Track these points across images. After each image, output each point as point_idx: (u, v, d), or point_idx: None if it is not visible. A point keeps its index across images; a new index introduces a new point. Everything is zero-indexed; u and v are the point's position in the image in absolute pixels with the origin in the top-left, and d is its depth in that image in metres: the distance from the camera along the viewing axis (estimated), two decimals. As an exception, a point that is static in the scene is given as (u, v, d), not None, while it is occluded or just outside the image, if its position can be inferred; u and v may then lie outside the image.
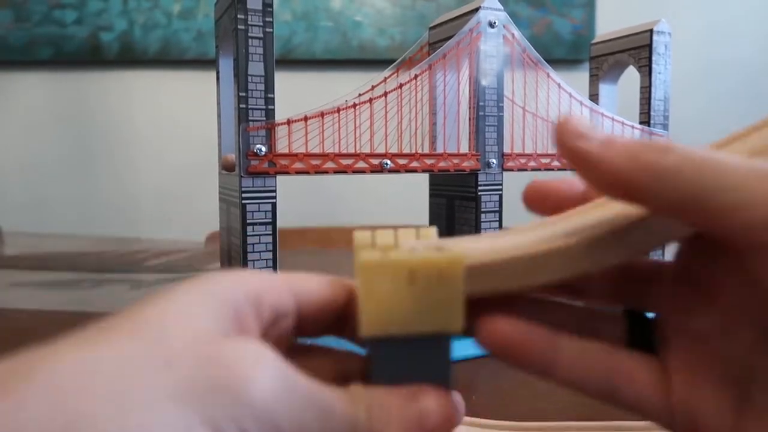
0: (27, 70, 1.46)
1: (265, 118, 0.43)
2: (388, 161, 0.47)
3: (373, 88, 0.47)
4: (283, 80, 0.51)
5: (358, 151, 0.46)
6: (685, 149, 0.16)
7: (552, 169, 0.54)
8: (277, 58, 0.43)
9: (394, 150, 0.48)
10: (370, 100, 0.47)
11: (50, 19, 1.41)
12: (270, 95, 0.43)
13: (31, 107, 1.48)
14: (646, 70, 0.59)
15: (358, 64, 1.43)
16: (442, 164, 0.49)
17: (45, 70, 1.46)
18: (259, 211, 0.43)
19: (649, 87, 0.58)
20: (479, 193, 0.51)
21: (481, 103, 0.51)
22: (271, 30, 0.43)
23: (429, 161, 0.49)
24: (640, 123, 0.59)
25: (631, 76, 0.63)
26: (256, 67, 0.42)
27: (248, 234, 0.43)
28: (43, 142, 1.48)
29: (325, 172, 0.45)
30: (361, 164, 0.46)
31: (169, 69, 1.44)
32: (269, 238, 0.44)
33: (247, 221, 0.43)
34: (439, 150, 0.51)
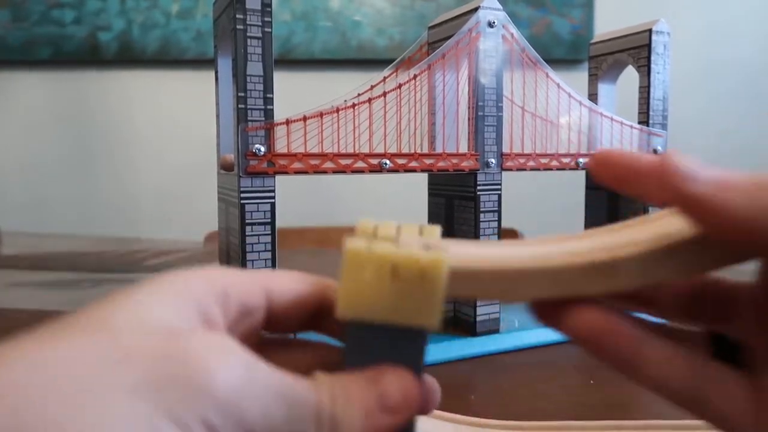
0: (25, 69, 1.46)
1: (263, 118, 0.43)
2: (387, 161, 0.47)
3: (372, 88, 0.47)
4: (282, 80, 0.50)
5: (357, 151, 0.46)
6: None
7: (551, 169, 0.54)
8: (276, 58, 0.43)
9: (393, 150, 0.48)
10: (369, 100, 0.47)
11: (49, 18, 1.41)
12: (269, 95, 0.43)
13: (29, 107, 1.48)
14: (644, 70, 0.59)
15: (357, 63, 1.43)
16: (441, 164, 0.49)
17: (43, 70, 1.46)
18: (258, 211, 0.43)
19: (648, 87, 0.58)
20: (478, 192, 0.51)
21: (480, 103, 0.51)
22: (270, 30, 0.43)
23: (428, 161, 0.49)
24: (639, 123, 0.59)
25: (630, 76, 0.63)
26: (254, 67, 0.42)
27: (247, 234, 0.43)
28: (41, 142, 1.48)
29: (324, 172, 0.45)
30: (360, 164, 0.46)
31: (167, 69, 1.44)
32: (268, 238, 0.44)
33: (246, 221, 0.43)
34: (438, 150, 0.51)
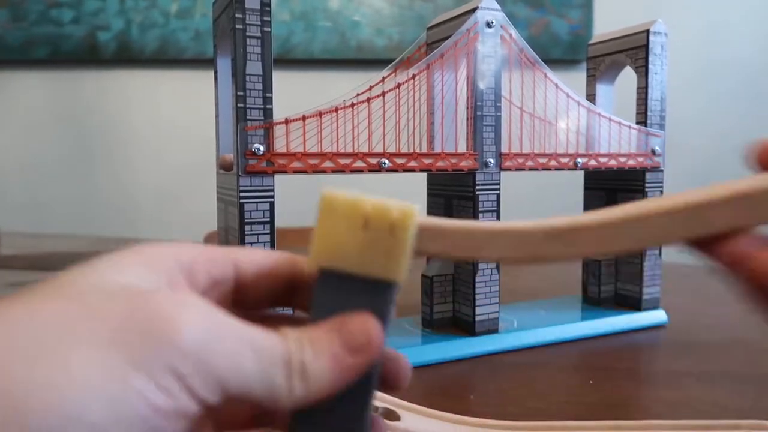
0: (24, 69, 1.46)
1: (263, 118, 0.43)
2: (386, 161, 0.47)
3: (371, 87, 0.47)
4: (282, 80, 0.51)
5: (356, 151, 0.46)
6: None
7: (549, 169, 0.55)
8: (275, 57, 0.43)
9: (392, 149, 0.48)
10: (368, 100, 0.47)
11: (47, 18, 1.41)
12: (268, 95, 0.43)
13: (28, 107, 1.48)
14: (642, 71, 0.59)
15: (356, 63, 1.43)
16: (439, 164, 0.50)
17: (42, 70, 1.46)
18: (257, 210, 0.43)
19: (646, 87, 0.59)
20: (477, 192, 0.51)
21: (478, 103, 0.51)
22: (269, 29, 0.43)
23: (427, 161, 0.49)
24: (637, 123, 0.59)
25: (628, 76, 0.63)
26: (254, 67, 0.42)
27: (246, 233, 0.43)
28: (40, 142, 1.48)
29: (323, 172, 0.45)
30: (359, 164, 0.46)
31: (166, 68, 1.44)
32: (267, 238, 0.44)
33: (245, 221, 0.43)
34: (437, 149, 0.51)
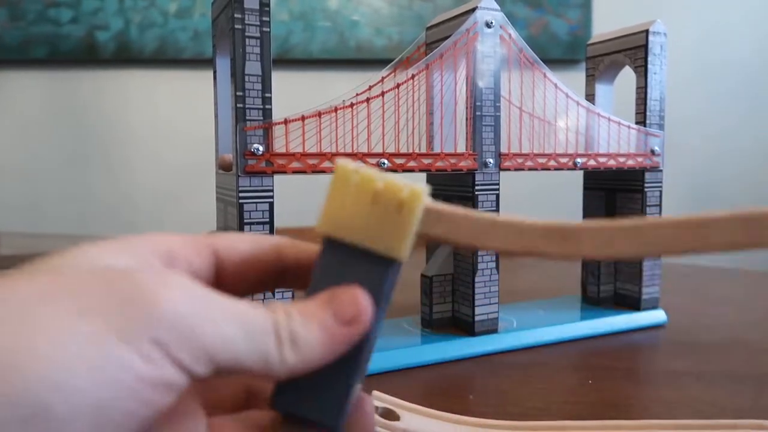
0: (22, 69, 1.46)
1: (262, 118, 0.43)
2: (385, 161, 0.47)
3: (370, 87, 0.47)
4: (281, 80, 0.51)
5: (356, 151, 0.46)
6: None
7: (549, 169, 0.55)
8: (274, 57, 0.43)
9: (391, 150, 0.48)
10: (368, 100, 0.47)
11: (45, 17, 1.41)
12: (267, 95, 0.43)
13: (26, 107, 1.48)
14: (641, 71, 0.59)
15: (355, 63, 1.43)
16: (439, 164, 0.50)
17: (40, 70, 1.46)
18: (256, 210, 0.43)
19: (645, 87, 0.59)
20: (476, 192, 0.51)
21: (478, 103, 0.51)
22: (268, 29, 0.43)
23: (426, 161, 0.49)
24: (636, 123, 0.59)
25: (627, 76, 0.63)
26: (253, 67, 0.42)
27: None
28: (38, 142, 1.48)
29: (323, 172, 0.45)
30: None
31: (165, 68, 1.44)
32: (266, 238, 0.44)
33: (245, 221, 0.43)
34: (437, 150, 0.51)
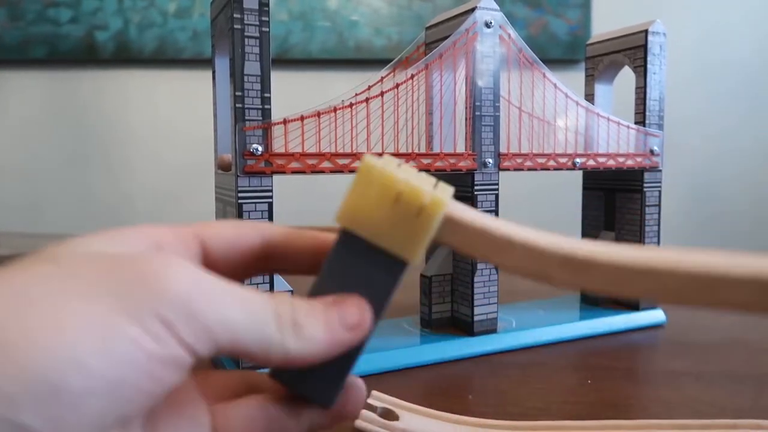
0: (21, 69, 1.46)
1: (261, 118, 0.43)
2: (384, 161, 0.47)
3: (369, 87, 0.47)
4: (280, 80, 0.51)
5: (355, 151, 0.46)
6: None
7: (548, 169, 0.54)
8: (273, 57, 0.43)
9: (390, 150, 0.48)
10: (367, 100, 0.47)
11: (45, 17, 1.41)
12: (266, 95, 0.43)
13: (25, 107, 1.48)
14: (641, 71, 0.59)
15: (354, 63, 1.43)
16: (438, 164, 0.50)
17: (39, 69, 1.46)
18: (255, 210, 0.43)
19: (644, 87, 0.59)
20: (476, 192, 0.51)
21: (477, 103, 0.51)
22: (267, 29, 0.43)
23: (425, 161, 0.49)
24: (636, 123, 0.59)
25: (626, 76, 0.63)
26: (252, 67, 0.42)
27: (244, 234, 0.43)
28: (37, 142, 1.48)
29: (322, 172, 0.45)
30: (358, 164, 0.46)
31: (164, 68, 1.44)
32: (265, 238, 0.44)
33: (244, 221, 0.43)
34: (436, 150, 0.51)
